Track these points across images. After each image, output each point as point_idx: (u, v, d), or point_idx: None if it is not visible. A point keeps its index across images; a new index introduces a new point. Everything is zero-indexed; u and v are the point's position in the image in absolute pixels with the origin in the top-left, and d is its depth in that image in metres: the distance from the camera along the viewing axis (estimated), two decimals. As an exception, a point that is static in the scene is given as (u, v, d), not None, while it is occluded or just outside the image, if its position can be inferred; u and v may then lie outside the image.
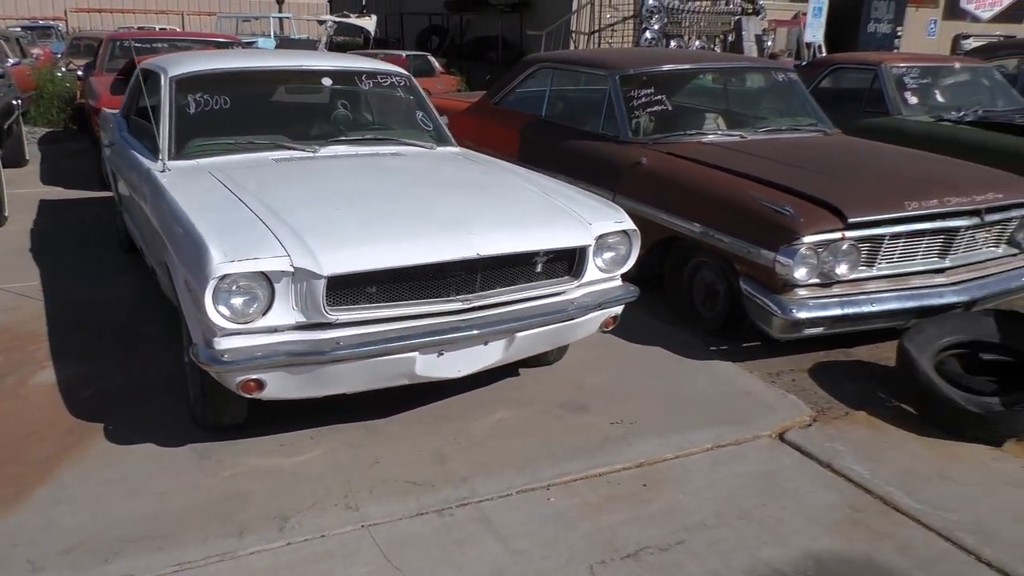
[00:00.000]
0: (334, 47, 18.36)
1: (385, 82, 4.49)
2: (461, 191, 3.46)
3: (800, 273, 3.74)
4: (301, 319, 2.75)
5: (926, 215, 3.92)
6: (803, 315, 3.78)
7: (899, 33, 15.49)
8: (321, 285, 2.68)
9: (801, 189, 3.97)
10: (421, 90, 4.63)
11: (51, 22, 22.25)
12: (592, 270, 3.33)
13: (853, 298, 3.88)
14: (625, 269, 3.48)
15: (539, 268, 3.15)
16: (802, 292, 3.83)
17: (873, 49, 14.43)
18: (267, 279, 2.67)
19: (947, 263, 4.11)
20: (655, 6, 12.75)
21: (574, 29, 13.62)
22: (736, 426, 3.41)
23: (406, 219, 3.02)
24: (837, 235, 3.75)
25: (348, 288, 2.79)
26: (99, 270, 5.26)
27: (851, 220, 3.75)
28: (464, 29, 17.67)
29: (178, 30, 24.81)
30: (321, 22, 17.07)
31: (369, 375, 2.90)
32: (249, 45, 18.35)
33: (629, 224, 3.40)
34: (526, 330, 3.09)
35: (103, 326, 4.27)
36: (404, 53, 12.20)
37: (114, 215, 5.69)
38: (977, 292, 4.10)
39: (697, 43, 13.30)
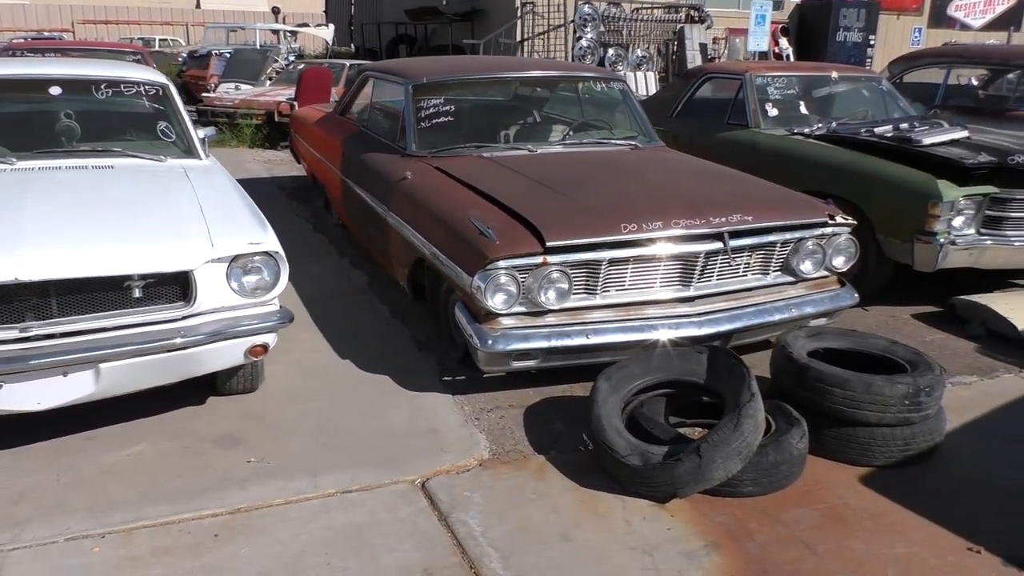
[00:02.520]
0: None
1: (129, 91, 4.30)
2: (93, 208, 3.19)
3: (496, 301, 3.41)
4: None
5: (649, 239, 3.55)
6: (503, 348, 3.43)
7: (872, 42, 14.74)
8: None
9: (517, 208, 3.63)
10: (176, 99, 4.43)
11: (57, 34, 22.93)
12: (224, 295, 3.07)
13: (565, 329, 3.52)
14: (275, 294, 3.20)
15: (137, 293, 2.89)
16: (508, 321, 3.49)
17: (843, 59, 13.77)
18: None
19: (691, 292, 3.71)
20: (590, 14, 12.36)
21: (515, 39, 13.30)
22: (384, 469, 3.09)
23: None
24: (538, 259, 3.41)
25: None
26: None
27: (549, 244, 3.40)
28: (429, 37, 17.53)
29: (182, 42, 25.34)
30: (275, 32, 17.12)
31: (-86, 407, 2.68)
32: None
33: (271, 245, 3.12)
34: (111, 360, 2.84)
35: None
36: (349, 63, 12.01)
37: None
38: (726, 324, 3.70)
39: (639, 52, 12.88)
